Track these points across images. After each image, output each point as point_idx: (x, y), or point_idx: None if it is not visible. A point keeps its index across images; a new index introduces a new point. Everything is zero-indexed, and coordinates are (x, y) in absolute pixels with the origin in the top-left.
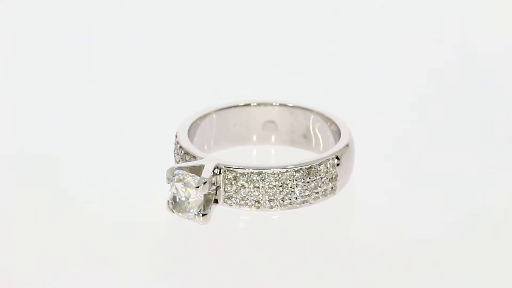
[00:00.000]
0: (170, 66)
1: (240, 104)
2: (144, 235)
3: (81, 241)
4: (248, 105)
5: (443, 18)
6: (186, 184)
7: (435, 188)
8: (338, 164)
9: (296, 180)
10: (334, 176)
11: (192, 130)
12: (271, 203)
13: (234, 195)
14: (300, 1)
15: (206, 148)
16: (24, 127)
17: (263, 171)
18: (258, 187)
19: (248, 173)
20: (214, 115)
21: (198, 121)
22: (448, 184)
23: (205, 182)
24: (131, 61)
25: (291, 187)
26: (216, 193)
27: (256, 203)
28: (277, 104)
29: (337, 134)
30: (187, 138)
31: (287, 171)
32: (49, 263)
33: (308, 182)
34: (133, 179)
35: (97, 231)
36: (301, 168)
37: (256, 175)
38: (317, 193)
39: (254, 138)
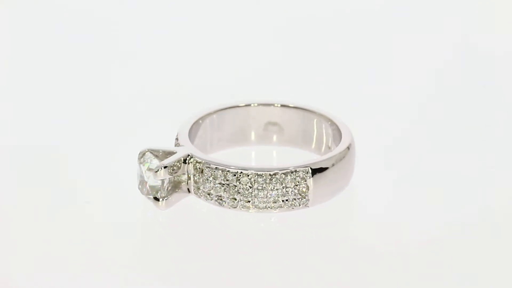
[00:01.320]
0: (171, 67)
1: (241, 105)
2: (144, 235)
3: (81, 241)
4: (249, 105)
5: (443, 18)
6: (149, 167)
7: (435, 188)
8: (311, 177)
9: (257, 184)
10: (305, 188)
11: (193, 131)
12: (233, 202)
13: (201, 187)
14: (301, 1)
15: (208, 148)
16: (24, 127)
17: (226, 169)
18: (221, 184)
19: (213, 168)
20: (215, 116)
21: (199, 121)
22: (448, 184)
23: (165, 167)
24: (132, 61)
25: (252, 190)
26: (188, 182)
27: (219, 199)
28: (278, 105)
29: (338, 136)
30: (188, 139)
31: (248, 174)
32: (49, 263)
33: (272, 189)
34: (134, 179)
35: (97, 231)
36: (263, 173)
37: (220, 171)
38: (282, 201)
39: (255, 138)
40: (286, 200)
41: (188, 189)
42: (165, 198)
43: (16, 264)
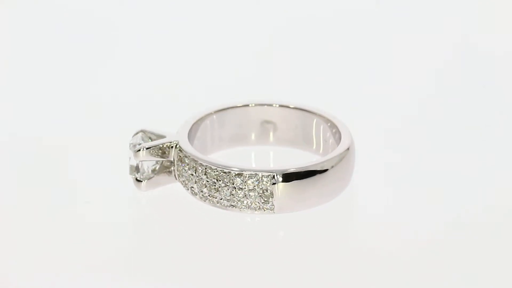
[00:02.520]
0: (171, 67)
1: (239, 105)
2: (144, 235)
3: (81, 241)
4: (248, 105)
5: (443, 18)
6: (133, 147)
7: (435, 188)
8: (275, 183)
9: (221, 181)
10: (268, 194)
11: (192, 131)
12: (202, 195)
13: (180, 174)
14: (301, 1)
15: (208, 148)
16: (24, 127)
17: (198, 161)
18: (192, 175)
19: (190, 158)
20: (214, 116)
21: (198, 122)
22: (448, 184)
23: (147, 148)
24: (132, 62)
25: (218, 186)
26: (173, 169)
27: (192, 189)
28: (277, 105)
29: (338, 137)
30: (187, 139)
31: (216, 169)
32: (48, 263)
33: (236, 189)
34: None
35: (97, 231)
36: (230, 172)
37: (193, 163)
38: (246, 203)
39: (255, 139)
40: (249, 202)
41: (175, 175)
42: (148, 179)
43: (16, 264)
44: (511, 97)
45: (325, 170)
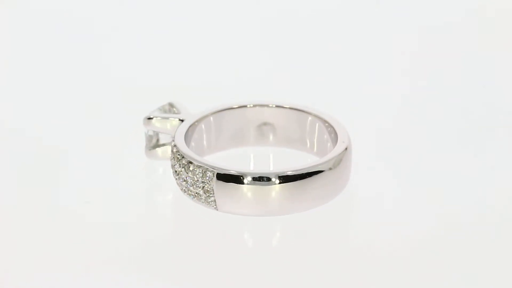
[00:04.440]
0: (170, 68)
1: (235, 106)
2: (144, 235)
3: (81, 241)
4: (244, 106)
5: (442, 18)
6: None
7: (435, 188)
8: (216, 180)
9: (180, 167)
10: (209, 188)
11: (189, 132)
12: (173, 175)
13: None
14: (300, 2)
15: (205, 150)
16: (24, 127)
17: (173, 142)
18: (170, 154)
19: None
20: (211, 117)
21: (195, 123)
22: (448, 184)
23: (156, 118)
24: (130, 62)
25: (176, 170)
26: None
27: (170, 168)
28: (273, 106)
29: (335, 136)
30: (184, 141)
31: (178, 152)
32: (49, 263)
33: (187, 176)
34: (134, 179)
35: (97, 231)
36: (184, 157)
37: (172, 142)
38: (193, 192)
39: (253, 139)
40: (197, 193)
41: None
42: (152, 148)
43: (16, 264)
44: (511, 97)
45: (321, 171)
